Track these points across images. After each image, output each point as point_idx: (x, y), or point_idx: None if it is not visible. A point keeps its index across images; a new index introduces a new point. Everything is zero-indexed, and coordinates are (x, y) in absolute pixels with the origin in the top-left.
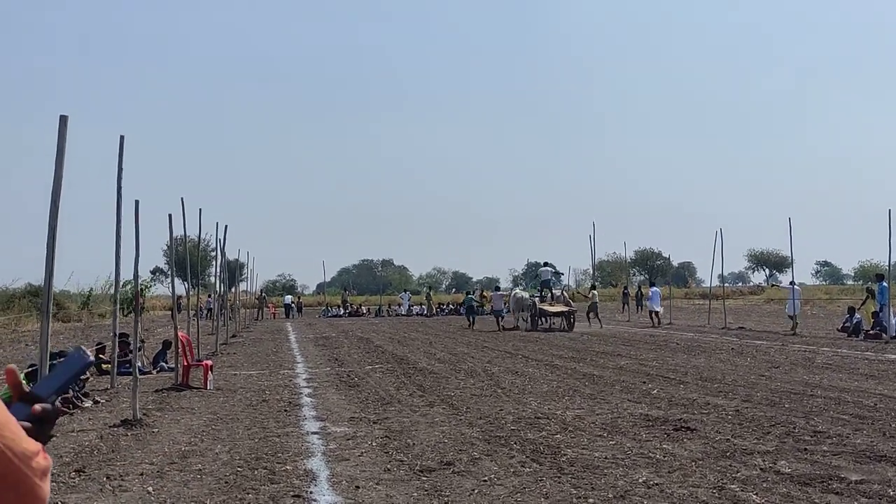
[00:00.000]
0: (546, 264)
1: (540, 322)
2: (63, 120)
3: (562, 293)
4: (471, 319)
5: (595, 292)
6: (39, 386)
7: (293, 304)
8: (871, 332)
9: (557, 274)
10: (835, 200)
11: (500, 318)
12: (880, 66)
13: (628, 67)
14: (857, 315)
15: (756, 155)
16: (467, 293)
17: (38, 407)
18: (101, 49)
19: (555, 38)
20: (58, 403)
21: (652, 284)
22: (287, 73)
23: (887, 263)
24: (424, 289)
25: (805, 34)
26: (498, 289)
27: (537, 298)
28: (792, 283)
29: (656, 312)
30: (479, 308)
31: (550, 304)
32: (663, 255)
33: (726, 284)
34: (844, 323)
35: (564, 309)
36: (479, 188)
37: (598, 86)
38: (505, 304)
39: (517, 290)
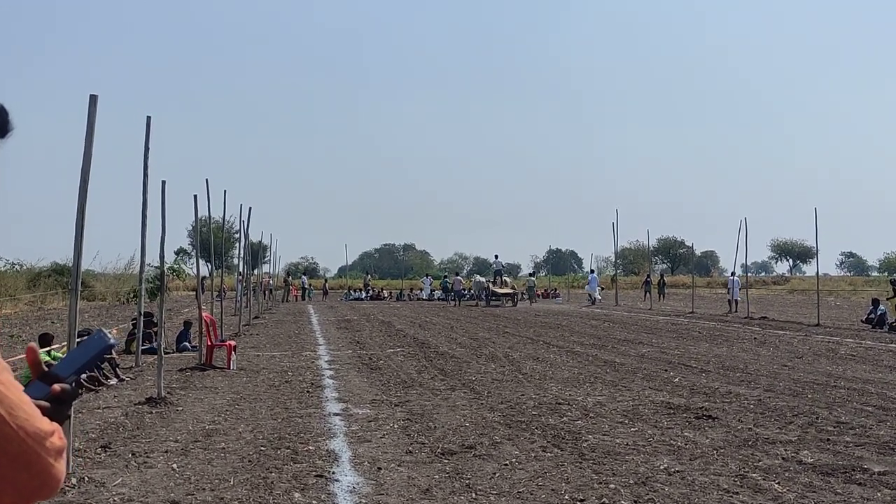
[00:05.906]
0: (496, 257)
1: (491, 300)
2: (93, 99)
3: (508, 280)
4: (447, 299)
5: (533, 279)
6: (59, 366)
7: (311, 287)
8: (895, 323)
9: (502, 269)
10: (861, 191)
11: (459, 298)
12: None
13: (652, 55)
14: (882, 307)
15: (782, 145)
16: (444, 277)
17: (57, 387)
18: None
19: (584, 22)
20: (82, 380)
21: (591, 272)
22: (312, 56)
23: None
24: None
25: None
26: (457, 274)
27: (491, 283)
28: (732, 273)
29: (589, 295)
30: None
31: (500, 288)
32: (686, 243)
33: (749, 274)
34: (869, 314)
35: (509, 291)
36: (502, 174)
37: (623, 74)
38: (464, 287)
39: (477, 276)
